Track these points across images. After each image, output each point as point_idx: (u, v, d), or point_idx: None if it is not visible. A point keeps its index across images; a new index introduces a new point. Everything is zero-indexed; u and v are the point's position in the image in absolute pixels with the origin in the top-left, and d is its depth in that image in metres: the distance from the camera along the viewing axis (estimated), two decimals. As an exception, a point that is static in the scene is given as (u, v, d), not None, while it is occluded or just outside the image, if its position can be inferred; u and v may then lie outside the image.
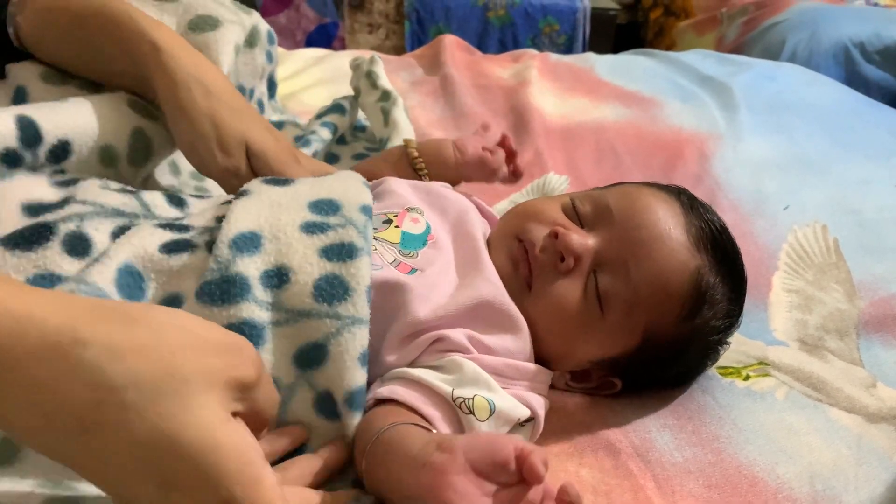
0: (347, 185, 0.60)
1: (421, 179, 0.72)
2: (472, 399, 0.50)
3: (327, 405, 0.49)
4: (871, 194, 0.95)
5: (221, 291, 0.47)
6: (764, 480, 0.55)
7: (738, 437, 0.59)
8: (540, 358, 0.58)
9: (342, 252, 0.51)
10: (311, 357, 0.48)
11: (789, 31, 2.12)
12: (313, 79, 1.15)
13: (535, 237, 0.59)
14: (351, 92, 1.07)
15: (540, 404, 0.55)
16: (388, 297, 0.52)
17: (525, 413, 0.53)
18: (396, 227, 0.59)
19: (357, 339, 0.48)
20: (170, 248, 0.50)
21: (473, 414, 0.50)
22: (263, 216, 0.53)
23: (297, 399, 0.48)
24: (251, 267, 0.49)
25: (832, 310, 0.75)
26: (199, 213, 0.56)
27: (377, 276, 0.52)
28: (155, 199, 0.58)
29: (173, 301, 0.49)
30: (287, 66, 1.19)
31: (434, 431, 0.46)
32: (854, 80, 1.99)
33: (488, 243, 0.61)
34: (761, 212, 0.90)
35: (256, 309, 0.48)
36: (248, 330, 0.47)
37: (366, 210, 0.56)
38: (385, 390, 0.50)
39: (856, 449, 0.59)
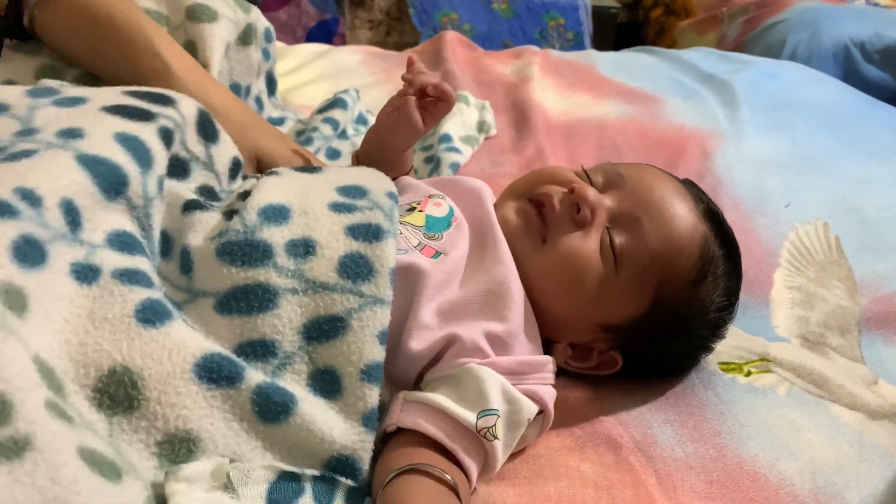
0: (372, 175, 0.61)
1: None
2: (495, 426, 0.50)
3: (325, 382, 0.48)
4: (873, 193, 0.95)
5: (243, 253, 0.49)
6: (766, 476, 0.55)
7: (740, 433, 0.59)
8: (545, 324, 0.58)
9: (368, 232, 0.52)
10: (323, 329, 0.48)
11: (790, 31, 2.11)
12: (314, 74, 1.15)
13: (549, 191, 0.60)
14: (352, 86, 1.07)
15: (550, 396, 0.55)
16: (409, 281, 0.53)
17: (534, 410, 0.53)
18: (420, 211, 0.60)
19: (378, 318, 0.49)
20: (185, 208, 0.53)
21: (498, 438, 0.50)
22: (293, 193, 0.55)
23: (291, 369, 0.48)
24: (277, 235, 0.51)
25: (834, 307, 0.75)
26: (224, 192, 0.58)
27: (401, 259, 0.53)
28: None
29: (185, 253, 0.50)
30: (287, 62, 1.18)
31: (448, 477, 0.46)
32: (854, 79, 1.98)
33: (496, 205, 0.63)
34: (763, 209, 0.90)
35: (275, 275, 0.49)
36: (261, 292, 0.48)
37: (392, 196, 0.57)
38: (409, 421, 0.50)
39: (857, 446, 0.59)
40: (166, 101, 0.55)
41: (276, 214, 0.52)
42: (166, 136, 0.52)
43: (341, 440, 0.46)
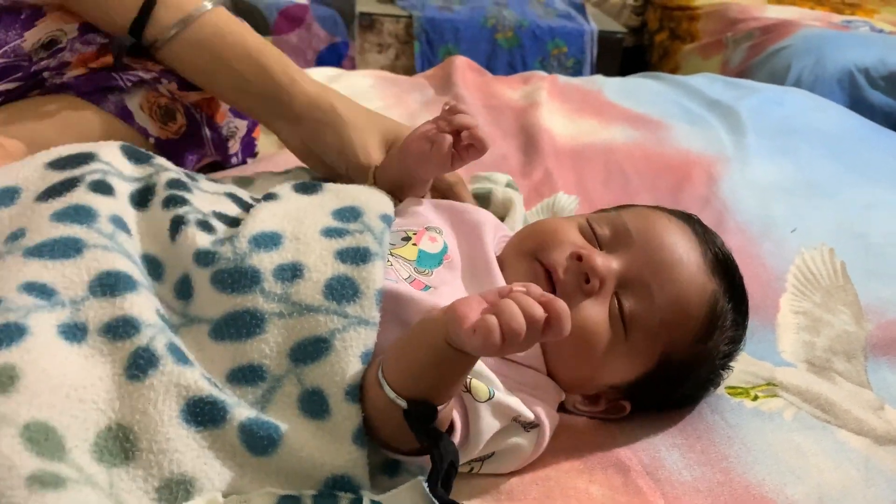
0: (371, 194, 0.62)
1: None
2: (469, 380, 0.51)
3: (313, 404, 0.49)
4: (878, 219, 0.95)
5: (233, 280, 0.51)
6: (773, 501, 0.56)
7: (747, 457, 0.60)
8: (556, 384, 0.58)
9: (356, 256, 0.53)
10: (308, 351, 0.49)
11: (794, 57, 2.13)
12: (326, 97, 1.16)
13: (556, 259, 0.59)
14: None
15: (546, 414, 0.55)
16: (400, 310, 0.53)
17: (529, 415, 0.53)
18: (414, 244, 0.60)
19: (362, 338, 0.50)
20: (172, 229, 0.55)
21: (470, 393, 0.50)
22: (287, 219, 0.56)
23: (281, 392, 0.49)
24: (266, 261, 0.52)
25: (840, 332, 0.75)
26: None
27: (390, 287, 0.53)
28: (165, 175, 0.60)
29: (185, 281, 0.53)
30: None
31: None
32: (859, 105, 2.00)
33: (501, 261, 0.62)
34: (769, 234, 0.91)
35: (262, 300, 0.50)
36: (248, 318, 0.50)
37: (385, 218, 0.58)
38: None
39: (864, 471, 0.59)
40: (86, 158, 0.57)
41: (268, 241, 0.54)
42: (100, 187, 0.54)
43: (333, 462, 0.47)
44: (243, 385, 0.48)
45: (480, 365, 0.52)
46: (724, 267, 0.61)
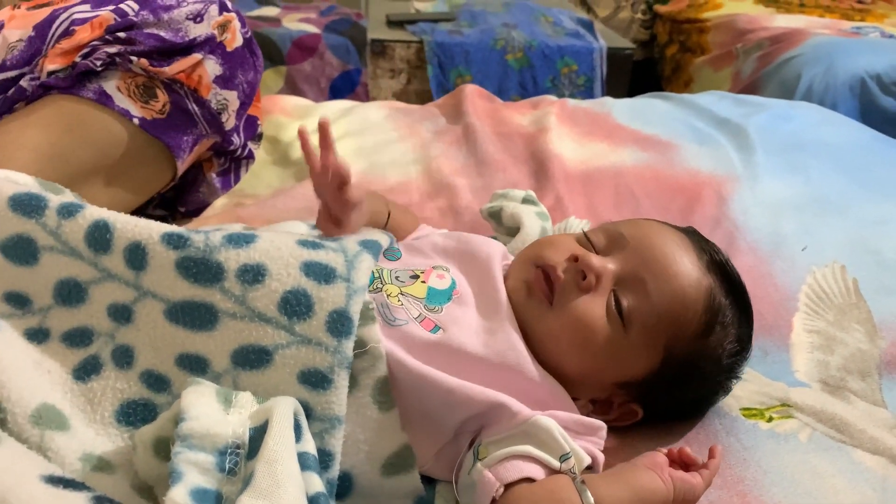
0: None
1: None
2: (575, 467, 0.55)
3: None
4: (890, 234, 0.96)
5: (197, 270, 0.53)
6: (789, 523, 0.56)
7: (764, 480, 0.61)
8: (563, 383, 0.60)
9: (321, 273, 0.54)
10: (249, 358, 0.52)
11: (805, 65, 2.14)
12: (340, 131, 1.19)
13: (555, 261, 0.62)
14: (376, 141, 1.12)
15: (601, 459, 0.58)
16: (418, 351, 0.55)
17: (586, 461, 0.56)
18: (423, 282, 0.62)
19: (302, 357, 0.51)
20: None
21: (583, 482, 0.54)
22: (267, 231, 0.60)
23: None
24: (232, 259, 0.53)
25: (854, 350, 0.76)
26: None
27: (402, 329, 0.56)
28: None
29: (136, 248, 0.54)
30: (315, 119, 1.23)
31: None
32: (871, 112, 2.00)
33: (506, 276, 0.64)
34: (780, 253, 0.92)
35: (219, 297, 0.52)
36: (203, 311, 0.52)
37: (365, 244, 0.60)
38: (515, 473, 0.53)
39: (880, 491, 0.60)
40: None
41: (241, 239, 0.55)
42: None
43: None
44: (189, 372, 0.52)
45: (555, 424, 0.55)
46: (720, 267, 0.64)
